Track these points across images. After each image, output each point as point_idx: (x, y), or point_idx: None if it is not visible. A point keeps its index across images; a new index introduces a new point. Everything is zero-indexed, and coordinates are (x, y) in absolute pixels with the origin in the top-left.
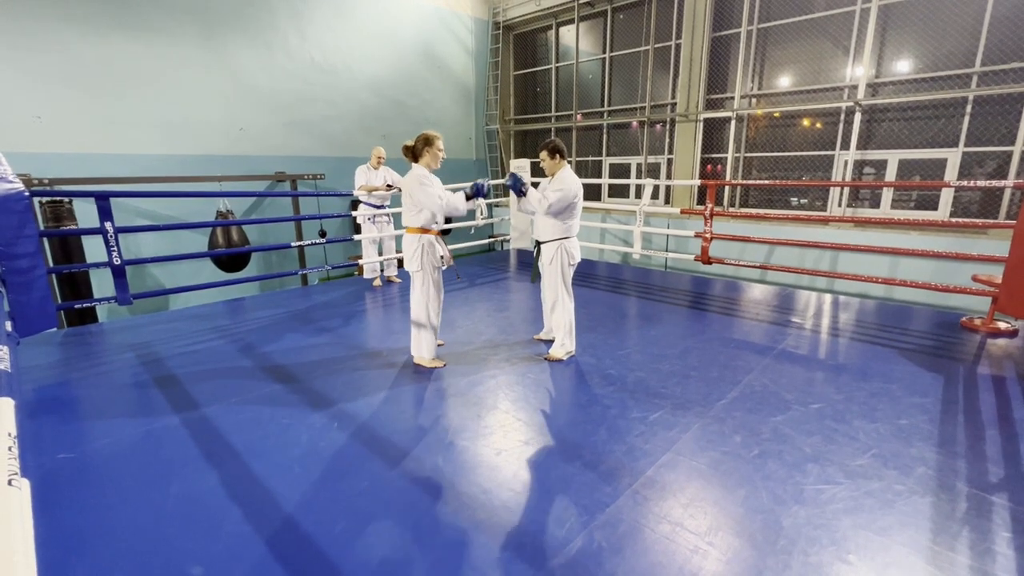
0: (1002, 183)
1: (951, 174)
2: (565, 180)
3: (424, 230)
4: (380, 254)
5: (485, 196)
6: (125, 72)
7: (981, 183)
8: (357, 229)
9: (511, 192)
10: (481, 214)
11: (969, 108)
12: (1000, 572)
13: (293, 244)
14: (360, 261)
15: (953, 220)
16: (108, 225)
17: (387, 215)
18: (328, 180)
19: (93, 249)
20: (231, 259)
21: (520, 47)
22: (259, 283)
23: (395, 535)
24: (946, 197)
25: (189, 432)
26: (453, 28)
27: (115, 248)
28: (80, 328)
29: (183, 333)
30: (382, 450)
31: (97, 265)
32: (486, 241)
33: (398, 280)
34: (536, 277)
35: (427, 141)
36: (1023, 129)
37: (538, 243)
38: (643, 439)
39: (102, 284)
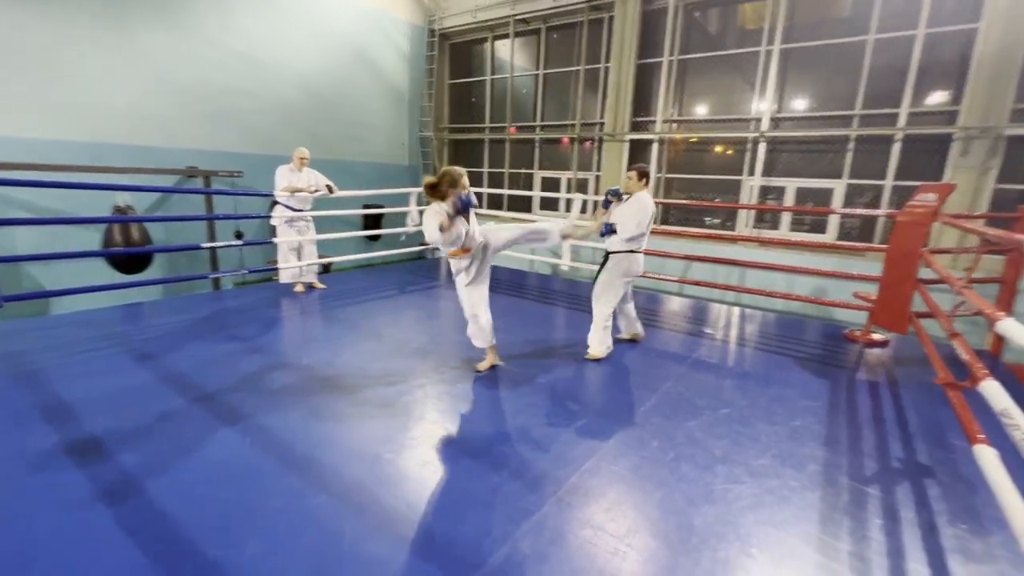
0: (877, 212)
1: (837, 202)
2: (643, 201)
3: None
4: (300, 259)
5: (467, 206)
6: (4, 46)
7: (860, 211)
8: (275, 232)
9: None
10: (412, 221)
11: (852, 145)
12: (873, 555)
13: (204, 245)
14: (277, 266)
15: (839, 243)
16: None
17: (307, 219)
18: (247, 178)
19: None
20: (130, 259)
21: (456, 56)
22: (163, 287)
23: (312, 555)
24: (833, 222)
25: (68, 452)
26: (388, 32)
27: None
28: None
29: (66, 341)
30: (299, 466)
31: None
32: (416, 249)
33: (321, 286)
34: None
35: (452, 183)
36: (892, 166)
37: (608, 253)
38: (568, 447)
39: None
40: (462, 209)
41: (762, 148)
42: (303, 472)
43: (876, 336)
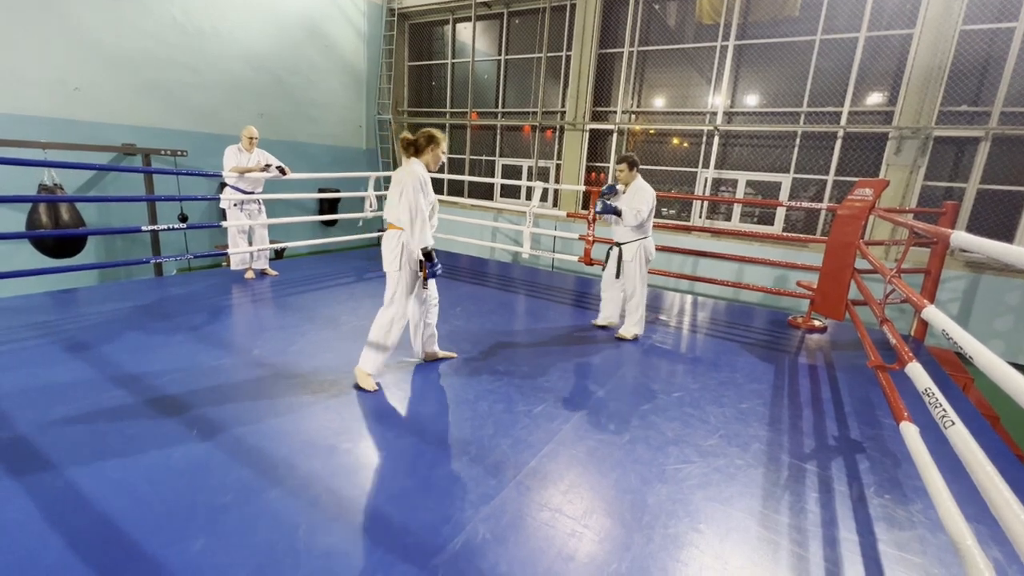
0: (819, 205)
1: (784, 195)
2: (646, 191)
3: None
4: (251, 243)
5: (433, 274)
6: None
7: (805, 204)
8: (225, 215)
9: (603, 211)
10: (371, 206)
11: (798, 141)
12: (810, 526)
13: (144, 228)
14: (227, 251)
15: (784, 234)
16: None
17: (257, 201)
18: (192, 158)
19: None
20: (59, 242)
21: (416, 38)
22: (99, 272)
23: (265, 549)
24: (780, 214)
25: None
26: (343, 7)
27: None
28: None
29: None
30: (250, 459)
31: None
32: (375, 235)
33: (274, 273)
34: (619, 273)
35: (431, 139)
36: (835, 162)
37: (618, 244)
38: (527, 431)
39: None
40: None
41: (716, 141)
42: (254, 466)
43: (816, 322)
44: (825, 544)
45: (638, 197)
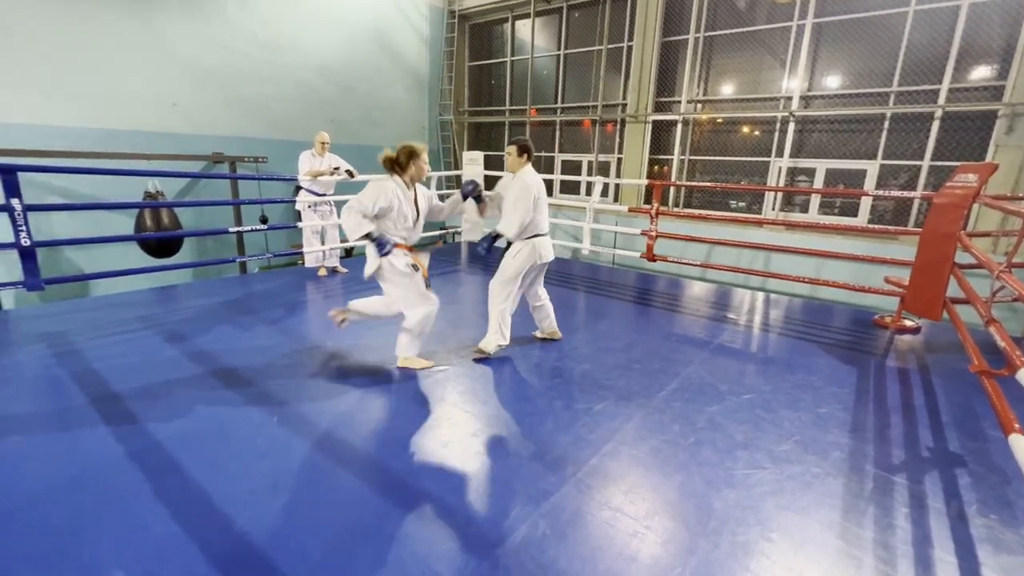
0: (912, 194)
1: (870, 184)
2: (522, 183)
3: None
4: (323, 243)
5: (382, 248)
6: (34, 35)
7: (895, 193)
8: (300, 216)
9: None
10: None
11: (887, 124)
12: (899, 544)
13: (231, 229)
14: (302, 250)
15: (870, 226)
16: (15, 202)
17: (329, 203)
18: (271, 164)
19: None
20: (161, 244)
21: (476, 38)
22: (193, 270)
23: (336, 531)
24: (865, 205)
25: (112, 431)
26: (407, 14)
27: (23, 228)
28: None
29: (104, 322)
30: (323, 444)
31: (2, 247)
32: (436, 233)
33: (344, 271)
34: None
35: (411, 154)
36: (931, 145)
37: (509, 242)
38: (588, 429)
39: (9, 267)
40: (470, 194)
41: (791, 128)
42: (329, 452)
43: (907, 322)
44: (917, 564)
45: (512, 197)
